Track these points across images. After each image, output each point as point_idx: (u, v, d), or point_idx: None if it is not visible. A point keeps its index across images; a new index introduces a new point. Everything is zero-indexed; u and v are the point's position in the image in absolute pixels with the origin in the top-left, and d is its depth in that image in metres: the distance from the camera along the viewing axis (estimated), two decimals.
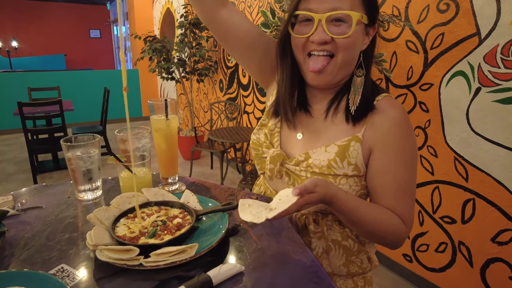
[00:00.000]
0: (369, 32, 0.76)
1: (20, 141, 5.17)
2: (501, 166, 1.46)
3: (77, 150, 0.84)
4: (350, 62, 0.76)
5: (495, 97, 1.44)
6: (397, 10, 1.81)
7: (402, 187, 0.76)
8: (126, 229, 0.66)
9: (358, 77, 0.77)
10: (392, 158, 0.76)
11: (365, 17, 0.72)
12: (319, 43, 0.72)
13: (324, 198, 0.66)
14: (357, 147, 0.77)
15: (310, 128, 0.84)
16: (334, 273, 0.86)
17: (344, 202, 0.69)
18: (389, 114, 0.77)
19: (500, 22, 1.39)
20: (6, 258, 0.61)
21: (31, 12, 10.58)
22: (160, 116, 0.91)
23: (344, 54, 0.73)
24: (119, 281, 0.56)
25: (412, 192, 0.78)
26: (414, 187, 0.79)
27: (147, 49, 4.01)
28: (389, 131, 0.76)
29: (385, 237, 0.75)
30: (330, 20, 0.70)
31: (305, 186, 0.63)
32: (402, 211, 0.76)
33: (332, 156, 0.77)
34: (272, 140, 0.88)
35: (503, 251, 1.50)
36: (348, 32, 0.69)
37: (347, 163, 0.77)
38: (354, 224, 0.74)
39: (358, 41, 0.74)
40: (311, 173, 0.79)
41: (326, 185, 0.67)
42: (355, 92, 0.78)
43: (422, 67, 1.74)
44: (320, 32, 0.71)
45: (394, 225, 0.74)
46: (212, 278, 0.54)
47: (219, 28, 0.88)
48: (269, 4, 2.89)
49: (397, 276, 2.04)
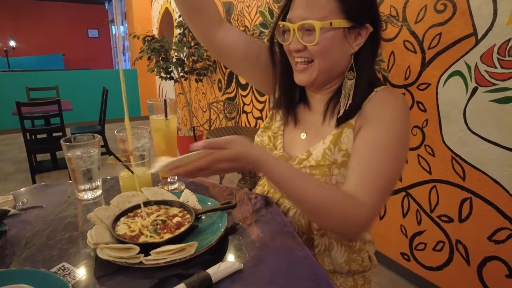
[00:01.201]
0: (360, 33, 0.76)
1: (18, 141, 5.16)
2: (497, 165, 1.48)
3: (77, 150, 0.85)
4: (332, 66, 0.78)
5: (492, 97, 1.46)
6: (395, 10, 1.82)
7: (371, 168, 0.70)
8: (126, 228, 0.67)
9: (349, 79, 0.78)
10: (371, 137, 0.74)
11: (342, 22, 0.72)
12: (294, 51, 0.77)
13: (242, 158, 0.64)
14: (349, 133, 0.78)
15: (312, 129, 0.86)
16: (335, 270, 0.86)
17: (276, 167, 0.66)
18: (383, 99, 0.78)
19: (496, 22, 1.40)
20: (7, 257, 0.62)
21: (29, 12, 10.56)
22: (159, 116, 0.92)
23: (320, 60, 0.75)
24: (119, 279, 0.57)
25: (381, 177, 0.70)
26: (386, 173, 0.71)
27: (146, 49, 4.02)
28: (379, 112, 0.76)
29: (333, 218, 0.67)
30: (304, 29, 0.74)
31: (213, 140, 0.62)
32: (362, 194, 0.68)
33: (327, 145, 0.79)
34: (275, 143, 0.90)
35: (499, 249, 1.52)
36: (315, 40, 0.72)
37: (338, 149, 0.78)
38: (294, 197, 0.68)
39: (333, 45, 0.74)
40: (309, 168, 0.80)
41: (244, 143, 0.65)
42: (345, 95, 0.79)
43: (420, 67, 1.75)
44: (294, 41, 0.76)
45: (345, 204, 0.66)
46: (212, 275, 0.55)
47: (218, 48, 0.91)
48: (268, 4, 2.90)
49: (395, 274, 2.05)
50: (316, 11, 0.72)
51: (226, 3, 3.64)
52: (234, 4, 3.47)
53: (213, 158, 0.62)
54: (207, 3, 0.86)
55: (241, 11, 3.36)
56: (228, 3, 3.60)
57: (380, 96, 0.78)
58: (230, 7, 3.57)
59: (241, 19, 3.39)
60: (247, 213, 0.81)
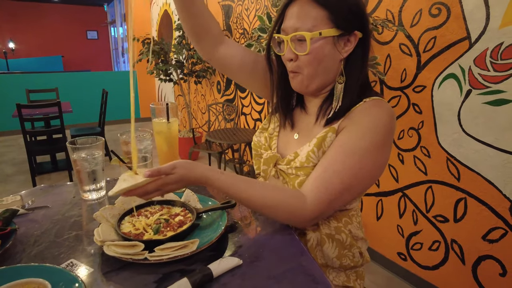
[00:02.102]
0: (350, 40, 0.80)
1: (18, 142, 5.18)
2: (491, 166, 1.51)
3: (82, 152, 0.88)
4: (323, 73, 0.82)
5: (485, 99, 1.49)
6: (391, 14, 1.86)
7: (330, 169, 0.76)
8: (131, 226, 0.70)
9: (339, 84, 0.82)
10: (344, 141, 0.78)
11: (331, 31, 0.76)
12: (287, 60, 0.82)
13: (188, 179, 0.71)
14: (332, 137, 0.82)
15: (305, 130, 0.90)
16: (327, 264, 0.89)
17: (217, 180, 0.74)
18: (367, 109, 0.80)
19: (489, 26, 1.43)
20: (17, 254, 0.65)
21: (28, 14, 10.58)
22: (161, 119, 0.95)
23: (308, 69, 0.80)
24: (125, 274, 0.60)
25: (336, 181, 0.75)
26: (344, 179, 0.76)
27: (145, 52, 4.05)
28: (358, 120, 0.79)
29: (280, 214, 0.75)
30: (296, 39, 0.79)
31: (158, 169, 0.68)
32: (311, 192, 0.75)
33: (311, 148, 0.82)
34: (270, 143, 0.95)
35: (493, 248, 1.55)
36: (306, 50, 0.77)
37: (322, 152, 0.82)
38: (245, 202, 0.76)
39: (323, 54, 0.78)
40: (295, 169, 0.84)
41: (188, 166, 0.72)
42: (336, 99, 0.83)
43: (415, 70, 1.78)
44: (288, 51, 0.81)
45: (288, 204, 0.74)
46: (213, 270, 0.58)
47: (220, 63, 0.97)
48: (266, 8, 2.94)
49: (391, 274, 2.08)
50: (307, 21, 0.76)
51: (225, 6, 3.68)
52: (233, 7, 3.51)
53: (162, 182, 0.69)
54: (212, 25, 0.92)
55: (240, 14, 3.40)
56: (227, 6, 3.64)
57: (366, 106, 0.81)
58: (229, 10, 3.61)
59: (240, 22, 3.43)
60: (246, 212, 0.84)
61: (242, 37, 3.42)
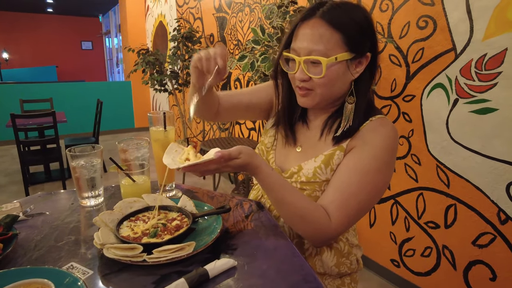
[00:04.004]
0: (361, 61, 0.81)
1: (11, 152, 5.15)
2: (478, 173, 1.56)
3: (81, 160, 0.90)
4: (333, 94, 0.83)
5: (471, 108, 1.54)
6: (381, 26, 1.92)
7: (347, 190, 0.78)
8: (130, 231, 0.72)
9: (350, 104, 0.84)
10: (355, 160, 0.80)
11: (345, 55, 0.77)
12: (300, 80, 0.82)
13: (247, 165, 0.74)
14: (340, 155, 0.84)
15: (308, 143, 0.92)
16: (326, 272, 0.92)
17: (268, 176, 0.77)
18: (376, 128, 0.83)
19: (473, 38, 1.50)
20: (19, 258, 0.67)
21: (22, 24, 10.61)
22: (158, 127, 0.98)
23: (322, 90, 0.81)
24: (124, 276, 0.62)
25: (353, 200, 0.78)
26: (360, 198, 0.79)
27: (141, 62, 4.09)
28: (369, 139, 0.82)
29: (306, 226, 0.78)
30: (309, 62, 0.79)
31: (229, 152, 0.72)
32: (332, 212, 0.77)
33: (318, 164, 0.85)
34: (267, 157, 0.98)
35: (483, 253, 1.59)
36: (322, 73, 0.77)
37: (330, 169, 0.84)
38: (277, 202, 0.79)
39: (337, 77, 0.79)
40: (300, 183, 0.86)
41: (251, 154, 0.75)
42: (345, 118, 0.84)
43: (405, 80, 1.84)
44: (300, 71, 0.81)
45: (316, 217, 0.76)
46: (209, 271, 0.61)
47: (224, 117, 1.02)
48: (260, 20, 3.00)
49: (385, 281, 2.10)
50: (321, 44, 0.76)
51: (219, 17, 3.75)
52: (227, 18, 3.58)
53: (224, 164, 0.73)
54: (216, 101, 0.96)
55: (234, 25, 3.46)
56: (221, 18, 3.70)
57: (373, 126, 0.84)
58: (223, 22, 3.67)
59: (234, 33, 3.49)
60: (241, 217, 0.87)
61: (236, 48, 3.47)
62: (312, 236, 0.79)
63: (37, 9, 10.33)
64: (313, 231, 0.78)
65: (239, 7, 3.33)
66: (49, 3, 9.64)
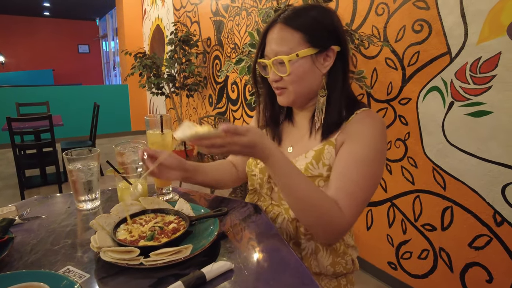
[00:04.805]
0: (328, 55, 0.85)
1: (6, 156, 5.12)
2: (474, 175, 1.57)
3: (78, 163, 0.90)
4: (306, 89, 0.87)
5: (467, 111, 1.56)
6: (377, 30, 1.94)
7: (349, 179, 0.79)
8: (127, 233, 0.72)
9: (321, 97, 0.88)
10: (350, 151, 0.82)
11: (307, 51, 0.82)
12: (273, 81, 0.88)
13: (255, 146, 0.71)
14: (330, 150, 0.86)
15: (298, 143, 0.94)
16: (321, 272, 0.92)
17: (279, 160, 0.74)
18: (363, 120, 0.86)
19: (468, 42, 1.51)
20: (15, 262, 0.67)
21: (19, 27, 10.60)
22: (155, 130, 0.98)
23: (293, 86, 0.86)
24: (121, 279, 0.62)
25: (357, 188, 0.78)
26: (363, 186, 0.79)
27: (137, 65, 4.09)
28: (358, 131, 0.84)
29: (319, 217, 0.75)
30: (277, 63, 0.85)
31: (235, 127, 0.69)
32: (341, 200, 0.76)
33: (309, 160, 0.87)
34: (257, 160, 0.99)
35: (479, 255, 1.59)
36: (287, 71, 0.83)
37: (322, 164, 0.86)
38: (289, 189, 0.75)
39: (304, 72, 0.84)
40: None
41: (260, 134, 0.73)
42: (318, 111, 0.88)
43: (401, 83, 1.85)
44: (272, 73, 0.87)
45: (329, 207, 0.74)
46: (206, 274, 0.61)
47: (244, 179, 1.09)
48: (256, 23, 3.01)
49: (382, 283, 2.11)
50: (285, 44, 0.82)
51: (216, 21, 3.76)
52: (224, 22, 3.59)
53: (230, 141, 0.69)
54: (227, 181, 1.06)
55: (231, 29, 3.48)
56: (218, 21, 3.72)
57: (360, 118, 0.87)
58: (220, 25, 3.69)
59: (231, 37, 3.50)
60: (238, 220, 0.87)
61: (233, 52, 3.49)
62: (325, 228, 0.76)
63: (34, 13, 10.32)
64: (325, 223, 0.75)
65: (236, 10, 3.35)
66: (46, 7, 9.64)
